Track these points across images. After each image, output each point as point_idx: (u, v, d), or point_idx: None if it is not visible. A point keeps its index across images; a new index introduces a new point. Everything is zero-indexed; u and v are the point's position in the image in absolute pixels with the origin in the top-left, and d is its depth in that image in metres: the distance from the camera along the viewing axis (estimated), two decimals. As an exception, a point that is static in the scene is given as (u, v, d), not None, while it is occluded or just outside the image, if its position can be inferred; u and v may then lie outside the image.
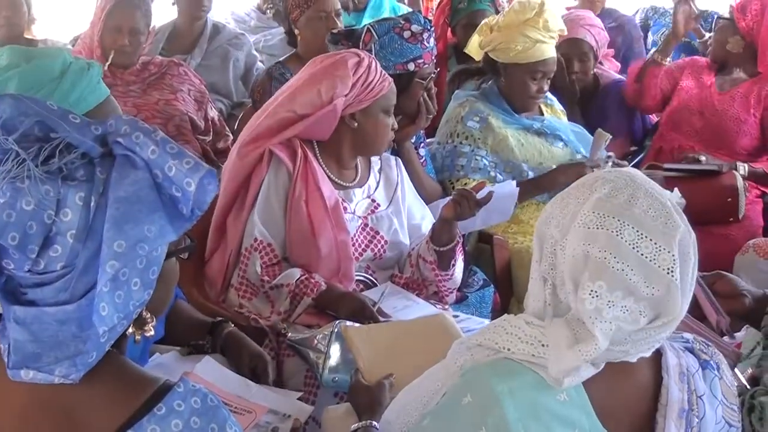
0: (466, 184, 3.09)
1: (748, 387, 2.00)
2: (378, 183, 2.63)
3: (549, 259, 1.35)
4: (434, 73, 2.94)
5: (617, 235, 1.28)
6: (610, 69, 4.25)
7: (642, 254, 1.28)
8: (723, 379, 1.48)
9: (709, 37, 3.81)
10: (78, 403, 1.16)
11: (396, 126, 2.55)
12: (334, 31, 3.10)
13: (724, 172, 3.34)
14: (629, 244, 1.28)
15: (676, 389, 1.40)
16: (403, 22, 2.84)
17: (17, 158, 1.11)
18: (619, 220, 1.29)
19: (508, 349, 1.34)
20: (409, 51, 2.82)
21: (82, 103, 2.09)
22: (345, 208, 2.50)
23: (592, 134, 3.38)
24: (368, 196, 2.59)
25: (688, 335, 1.52)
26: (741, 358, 2.10)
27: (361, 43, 2.84)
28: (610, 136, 3.10)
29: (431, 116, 2.96)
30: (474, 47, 3.38)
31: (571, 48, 3.66)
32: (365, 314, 2.28)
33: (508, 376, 1.31)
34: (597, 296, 1.27)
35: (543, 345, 1.32)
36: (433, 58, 2.90)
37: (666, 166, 3.44)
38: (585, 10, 3.96)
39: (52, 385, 1.14)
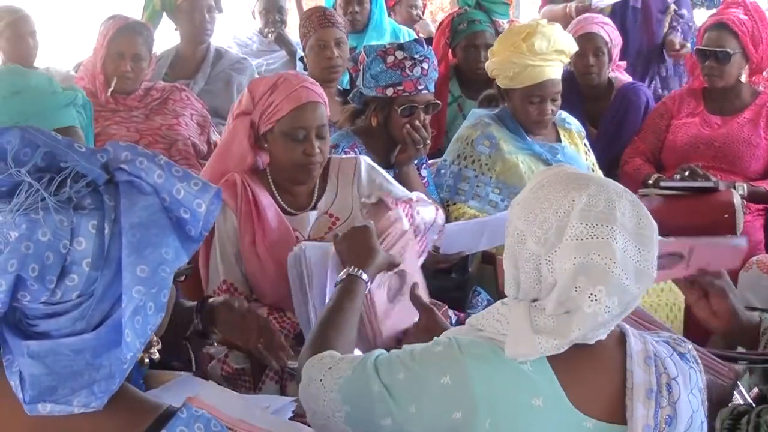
0: (464, 213, 3.10)
1: (754, 405, 1.99)
2: (336, 193, 2.52)
3: (532, 275, 1.40)
4: (425, 105, 2.89)
5: (612, 241, 1.34)
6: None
7: (631, 257, 1.35)
8: (701, 374, 1.52)
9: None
10: (81, 429, 1.15)
11: (315, 153, 2.38)
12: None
13: (721, 189, 3.29)
14: (623, 249, 1.35)
15: (641, 371, 1.44)
16: (388, 47, 2.85)
17: (30, 189, 1.11)
18: (607, 227, 1.35)
19: (483, 327, 1.44)
20: (388, 76, 2.82)
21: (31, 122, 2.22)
22: (297, 237, 2.41)
23: (612, 138, 3.32)
24: (325, 212, 2.49)
25: (665, 333, 1.57)
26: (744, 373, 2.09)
27: (358, 63, 2.89)
28: None
29: (421, 146, 2.90)
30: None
31: (585, 42, 3.59)
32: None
33: (474, 345, 1.42)
34: (596, 300, 1.34)
35: (509, 322, 1.40)
36: (420, 87, 2.85)
37: (662, 183, 3.41)
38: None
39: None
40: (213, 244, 2.41)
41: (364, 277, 1.89)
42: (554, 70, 3.09)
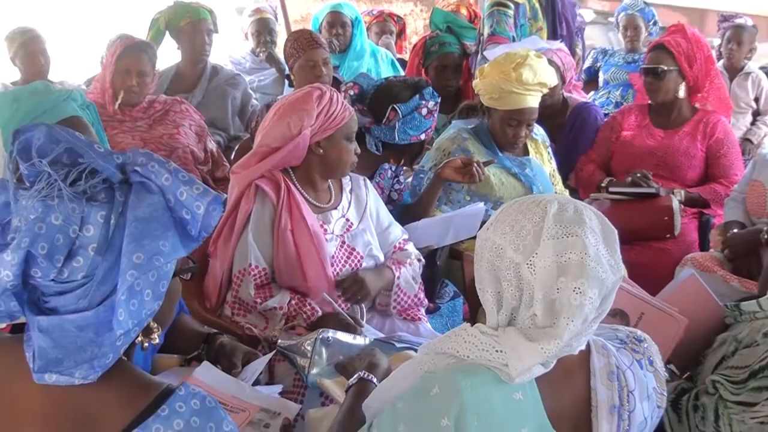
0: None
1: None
2: (350, 203, 2.75)
3: (514, 283, 1.41)
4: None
5: (585, 239, 1.39)
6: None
7: (603, 255, 1.41)
8: (657, 371, 1.58)
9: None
10: (92, 404, 1.25)
11: (357, 150, 2.69)
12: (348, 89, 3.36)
13: (662, 195, 3.54)
14: (594, 246, 1.40)
15: (604, 389, 1.49)
16: (420, 103, 3.14)
17: (49, 179, 1.20)
18: (579, 227, 1.40)
19: (467, 356, 1.44)
20: (424, 125, 3.15)
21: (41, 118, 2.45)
22: (325, 230, 2.62)
23: (568, 151, 3.54)
24: (342, 216, 2.71)
25: (622, 333, 1.61)
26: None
27: (385, 119, 3.14)
28: None
29: None
30: None
31: None
32: (348, 327, 2.46)
33: (471, 374, 1.41)
34: (580, 293, 1.36)
35: (497, 351, 1.41)
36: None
37: (611, 189, 3.64)
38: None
39: (70, 389, 1.23)
40: (245, 231, 2.59)
41: (374, 379, 1.84)
42: (534, 99, 3.27)
